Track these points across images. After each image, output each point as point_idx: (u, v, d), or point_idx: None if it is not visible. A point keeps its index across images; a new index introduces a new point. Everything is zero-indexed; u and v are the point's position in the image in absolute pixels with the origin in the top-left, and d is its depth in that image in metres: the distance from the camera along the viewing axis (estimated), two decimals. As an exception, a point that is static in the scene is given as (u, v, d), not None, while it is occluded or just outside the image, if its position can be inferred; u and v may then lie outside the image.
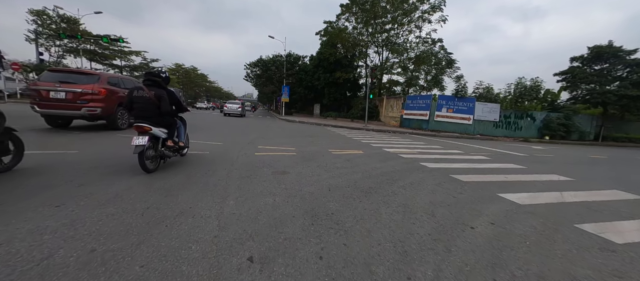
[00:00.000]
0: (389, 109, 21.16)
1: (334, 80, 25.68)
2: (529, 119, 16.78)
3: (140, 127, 3.48)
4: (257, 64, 33.18)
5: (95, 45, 27.65)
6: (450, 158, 6.76)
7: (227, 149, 6.03)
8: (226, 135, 8.81)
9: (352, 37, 23.59)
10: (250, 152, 5.79)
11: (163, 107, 3.67)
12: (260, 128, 12.20)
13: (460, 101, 15.99)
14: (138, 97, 3.63)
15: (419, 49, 21.63)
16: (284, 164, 4.81)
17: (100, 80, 7.12)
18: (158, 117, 3.68)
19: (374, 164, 5.32)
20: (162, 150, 3.75)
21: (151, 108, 3.63)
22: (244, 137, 8.36)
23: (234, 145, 6.70)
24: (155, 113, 3.65)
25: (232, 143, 6.96)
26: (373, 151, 7.11)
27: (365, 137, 10.99)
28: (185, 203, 2.69)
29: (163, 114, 3.72)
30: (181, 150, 4.27)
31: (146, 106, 3.62)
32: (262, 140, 8.01)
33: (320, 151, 6.57)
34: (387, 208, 2.95)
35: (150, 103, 3.62)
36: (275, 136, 9.40)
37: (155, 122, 3.63)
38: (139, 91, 3.65)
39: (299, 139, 8.83)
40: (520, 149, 10.39)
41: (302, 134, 10.72)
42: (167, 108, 3.72)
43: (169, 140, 3.83)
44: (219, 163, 4.54)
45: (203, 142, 6.68)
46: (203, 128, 10.35)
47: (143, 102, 3.62)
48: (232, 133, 9.30)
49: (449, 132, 15.98)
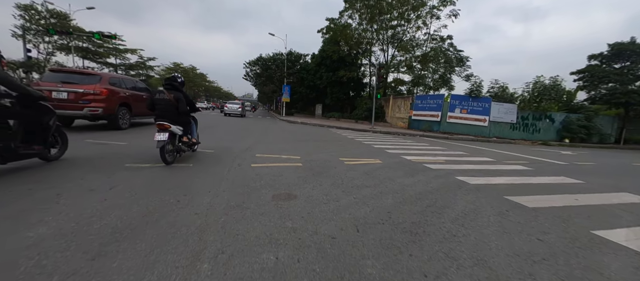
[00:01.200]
0: (396, 110, 20.06)
1: (337, 79, 24.58)
2: (547, 121, 15.67)
3: (161, 125, 3.86)
4: (256, 62, 32.10)
5: (88, 42, 26.54)
6: (485, 169, 5.65)
7: (219, 158, 4.94)
8: (222, 138, 7.72)
9: (357, 34, 22.48)
10: (246, 163, 4.69)
11: (180, 108, 4.20)
12: (260, 130, 11.11)
13: (475, 101, 14.87)
14: (159, 100, 4.15)
15: (428, 46, 20.54)
16: (288, 181, 3.71)
17: (102, 80, 7.14)
18: (176, 116, 4.18)
19: (401, 180, 4.22)
20: (179, 145, 4.31)
21: (170, 109, 4.14)
22: (241, 141, 7.26)
23: (228, 151, 5.61)
24: (173, 113, 4.15)
25: (226, 149, 5.87)
26: (392, 160, 6.01)
27: (376, 140, 9.89)
28: (128, 270, 1.59)
29: (180, 114, 4.25)
30: (193, 145, 4.85)
31: (166, 107, 4.13)
32: (261, 145, 6.92)
33: (331, 160, 5.47)
34: (459, 271, 1.84)
35: (170, 105, 4.14)
36: (276, 140, 8.30)
37: (173, 121, 4.07)
38: (160, 94, 4.18)
39: (303, 144, 7.73)
40: (552, 155, 9.28)
41: (305, 137, 9.63)
42: (183, 109, 4.26)
43: (184, 137, 4.39)
44: (203, 181, 3.44)
45: None
46: (199, 129, 9.24)
47: (164, 104, 4.14)
48: (228, 136, 8.21)
49: (463, 134, 14.88)
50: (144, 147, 5.43)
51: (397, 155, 6.67)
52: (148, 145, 5.38)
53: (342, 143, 8.59)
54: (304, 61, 32.15)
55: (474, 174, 4.98)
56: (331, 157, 5.85)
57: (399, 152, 7.33)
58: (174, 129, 4.03)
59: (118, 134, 6.89)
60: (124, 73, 32.80)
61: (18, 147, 3.12)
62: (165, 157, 3.93)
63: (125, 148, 5.25)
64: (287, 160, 5.18)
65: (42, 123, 3.46)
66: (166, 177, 3.51)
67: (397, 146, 8.72)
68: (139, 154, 4.70)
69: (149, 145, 5.25)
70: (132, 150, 5.10)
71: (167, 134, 3.85)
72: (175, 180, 3.40)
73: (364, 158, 5.99)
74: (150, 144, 4.88)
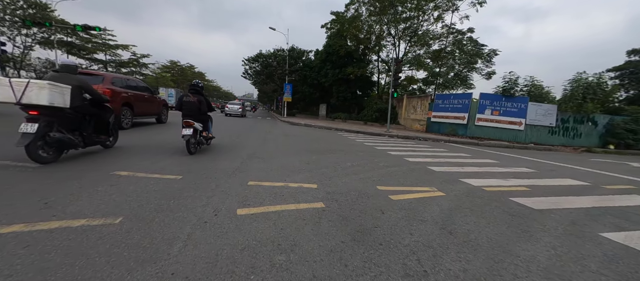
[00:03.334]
0: (411, 110, 18.02)
1: (344, 77, 22.50)
2: (590, 124, 13.61)
3: (187, 122, 4.69)
4: (256, 59, 30.03)
5: (73, 36, 24.51)
6: (604, 205, 3.61)
7: (189, 190, 2.89)
8: (208, 148, 5.69)
9: (367, 26, 20.38)
10: (231, 204, 2.66)
11: (202, 108, 5.13)
12: (258, 136, 9.08)
13: (509, 101, 12.81)
14: (186, 102, 5.02)
15: (445, 41, 18.48)
16: (304, 260, 1.67)
17: (105, 80, 7.19)
18: (198, 116, 5.03)
19: (509, 244, 2.20)
20: (200, 138, 5.17)
21: (194, 109, 4.99)
22: (232, 154, 5.24)
23: (207, 177, 3.57)
24: (196, 113, 5.00)
25: (204, 171, 3.83)
26: (452, 187, 3.98)
27: (401, 148, 7.86)
28: None
29: (201, 113, 5.13)
30: (209, 139, 5.66)
31: (191, 108, 4.99)
32: (258, 161, 4.89)
33: (365, 191, 3.44)
34: None
35: (194, 106, 5.01)
36: (278, 150, 6.26)
37: (196, 119, 4.92)
38: (186, 97, 5.07)
39: (316, 158, 5.69)
40: (618, 168, 7.23)
41: (316, 146, 7.59)
42: (204, 109, 5.20)
43: (204, 132, 5.29)
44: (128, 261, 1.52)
45: (162, 166, 3.58)
46: (165, 142, 7.25)
47: (189, 105, 5.00)
48: (218, 144, 6.18)
49: (494, 139, 12.84)
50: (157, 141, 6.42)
51: (450, 176, 4.64)
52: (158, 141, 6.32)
53: (364, 155, 6.56)
54: (306, 58, 30.11)
55: (599, 217, 2.95)
56: (363, 184, 3.82)
57: (446, 169, 5.30)
58: (197, 126, 4.83)
59: (122, 133, 6.46)
60: (114, 70, 30.80)
61: (92, 135, 4.30)
62: (189, 148, 4.76)
63: (133, 145, 5.72)
64: (298, 194, 3.15)
65: (106, 119, 4.59)
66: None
67: (435, 157, 6.69)
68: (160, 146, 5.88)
69: (158, 141, 6.29)
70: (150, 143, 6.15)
71: (191, 130, 4.66)
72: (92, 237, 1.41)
73: (411, 185, 3.96)
74: (159, 140, 6.32)
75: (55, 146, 3.65)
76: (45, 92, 3.33)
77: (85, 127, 4.13)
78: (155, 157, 4.45)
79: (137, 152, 4.79)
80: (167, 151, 5.05)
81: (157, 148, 5.27)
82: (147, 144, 5.74)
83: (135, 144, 5.62)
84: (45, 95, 3.34)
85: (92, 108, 4.29)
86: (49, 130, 3.49)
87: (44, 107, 3.43)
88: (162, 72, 45.84)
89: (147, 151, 4.95)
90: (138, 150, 5.04)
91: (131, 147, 5.29)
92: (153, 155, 4.63)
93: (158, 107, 10.03)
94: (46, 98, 3.35)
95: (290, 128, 13.65)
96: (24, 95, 3.32)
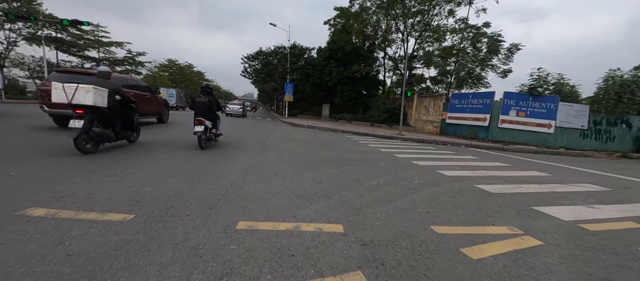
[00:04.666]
0: (422, 111, 16.74)
1: (349, 75, 21.18)
2: (623, 126, 12.32)
3: (199, 120, 5.36)
4: (256, 57, 28.69)
5: (63, 32, 23.23)
6: None
7: (130, 253, 1.61)
8: (192, 160, 4.46)
9: (374, 19, 19.06)
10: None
11: (212, 108, 5.79)
12: (257, 140, 7.82)
13: (536, 101, 11.51)
14: (198, 102, 5.70)
15: (463, 35, 17.19)
16: None
17: None
18: (208, 114, 5.66)
19: None
20: (210, 134, 5.77)
21: (205, 109, 5.64)
22: (221, 167, 3.97)
23: (172, 216, 2.29)
24: (207, 112, 5.65)
25: (175, 200, 2.56)
26: (547, 228, 2.71)
27: (431, 158, 6.59)
28: None
29: (211, 112, 5.79)
30: (217, 136, 6.33)
31: (202, 107, 5.64)
32: (256, 178, 3.63)
33: (422, 239, 2.16)
34: None
35: (205, 105, 5.66)
36: (281, 161, 4.99)
37: (207, 118, 5.54)
38: (198, 97, 5.75)
39: (330, 173, 4.41)
40: None
41: (326, 154, 6.32)
42: (214, 109, 5.86)
43: (213, 129, 5.90)
44: None
45: (135, 182, 2.35)
46: (177, 139, 6.00)
47: (201, 105, 5.66)
48: (205, 155, 4.94)
49: (520, 143, 11.57)
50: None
51: (515, 201, 3.37)
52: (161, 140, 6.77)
53: (387, 166, 5.30)
54: (309, 56, 28.79)
55: None
56: (410, 222, 2.56)
57: (501, 188, 4.02)
58: (207, 123, 5.47)
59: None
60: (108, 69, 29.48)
61: (121, 131, 4.93)
62: (201, 144, 5.41)
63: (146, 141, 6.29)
64: (317, 251, 1.88)
65: (131, 117, 5.31)
66: None
67: (473, 170, 5.42)
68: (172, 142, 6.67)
69: (164, 139, 6.91)
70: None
71: (202, 127, 5.33)
72: None
73: (477, 223, 2.70)
74: (166, 137, 7.04)
75: (96, 139, 4.31)
76: (90, 95, 4.00)
77: (116, 123, 4.79)
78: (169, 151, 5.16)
79: (155, 146, 5.69)
80: (128, 161, 4.15)
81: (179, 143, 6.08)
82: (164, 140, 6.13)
83: (147, 142, 6.11)
84: (90, 97, 4.01)
85: (122, 108, 5.03)
86: (91, 126, 4.12)
87: (88, 107, 4.09)
88: (159, 71, 44.55)
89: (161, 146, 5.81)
90: (155, 145, 5.84)
91: (150, 143, 6.04)
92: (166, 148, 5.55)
93: (159, 107, 10.03)
94: (91, 99, 4.01)
95: (293, 131, 12.39)
96: (74, 97, 3.96)
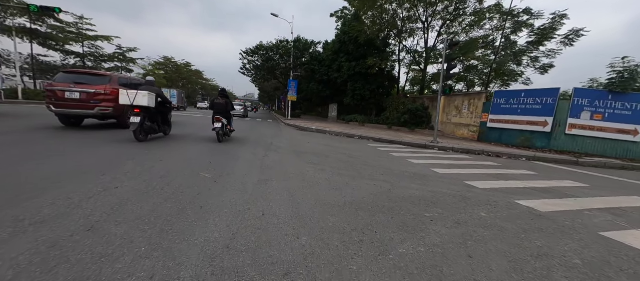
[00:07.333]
0: (453, 112, 14.08)
1: (362, 71, 18.49)
2: None
3: (218, 118, 6.57)
4: (256, 51, 26.09)
5: (39, 22, 20.71)
6: None
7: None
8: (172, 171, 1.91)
9: (394, 5, 16.38)
10: None
11: (228, 108, 6.99)
12: (254, 156, 5.22)
13: (617, 99, 8.86)
14: (217, 103, 6.86)
15: (504, 19, 14.57)
16: None
17: (111, 80, 7.31)
18: (225, 113, 6.87)
19: None
20: (226, 129, 6.95)
21: (222, 109, 6.83)
22: (188, 233, 1.50)
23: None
24: (224, 111, 6.85)
25: None
26: None
27: (534, 188, 3.95)
28: None
29: (227, 111, 6.98)
30: (231, 132, 7.54)
31: (220, 107, 6.81)
32: (241, 269, 1.12)
33: None
34: None
35: (222, 106, 6.84)
36: (291, 204, 2.35)
37: (223, 116, 6.72)
38: (217, 99, 6.96)
39: (407, 251, 1.78)
40: None
41: (368, 188, 3.64)
42: (229, 109, 7.04)
43: (228, 126, 7.04)
44: None
45: None
46: (192, 133, 3.49)
47: (219, 105, 6.82)
48: (194, 172, 2.40)
49: (597, 154, 8.92)
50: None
51: None
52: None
53: (491, 221, 2.68)
54: (314, 50, 26.16)
55: None
56: None
57: None
58: (223, 121, 6.62)
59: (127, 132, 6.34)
60: (94, 64, 27.01)
61: (161, 126, 6.59)
62: (219, 138, 6.69)
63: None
64: None
65: (167, 115, 6.89)
66: None
67: (619, 214, 2.83)
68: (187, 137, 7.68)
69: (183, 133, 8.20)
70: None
71: (220, 124, 6.53)
72: None
73: None
74: (182, 133, 8.22)
75: (147, 131, 5.92)
76: (146, 98, 5.63)
77: (159, 119, 6.41)
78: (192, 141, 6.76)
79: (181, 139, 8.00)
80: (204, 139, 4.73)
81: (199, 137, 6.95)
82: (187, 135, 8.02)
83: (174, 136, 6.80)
84: (146, 100, 5.62)
85: (161, 107, 6.47)
86: (144, 121, 5.70)
87: (143, 107, 5.66)
88: (154, 68, 42.01)
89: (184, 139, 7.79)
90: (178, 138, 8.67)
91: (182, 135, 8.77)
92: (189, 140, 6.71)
93: None
94: (146, 101, 5.62)
95: (301, 138, 9.77)
96: (134, 99, 5.57)
